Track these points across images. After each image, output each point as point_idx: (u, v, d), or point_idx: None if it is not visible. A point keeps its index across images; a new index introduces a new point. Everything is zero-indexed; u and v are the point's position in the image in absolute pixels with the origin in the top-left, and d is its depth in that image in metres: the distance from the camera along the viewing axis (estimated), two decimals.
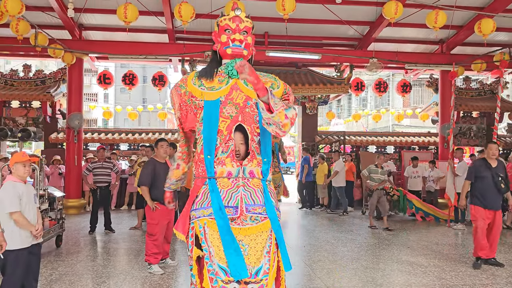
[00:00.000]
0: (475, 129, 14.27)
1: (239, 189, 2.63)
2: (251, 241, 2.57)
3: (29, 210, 3.81)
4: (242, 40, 2.81)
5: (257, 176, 2.69)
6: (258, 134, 2.74)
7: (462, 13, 9.82)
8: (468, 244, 7.60)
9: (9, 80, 12.85)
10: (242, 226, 2.58)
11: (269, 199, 2.67)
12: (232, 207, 2.59)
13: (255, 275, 2.51)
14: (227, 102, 2.72)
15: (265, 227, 2.61)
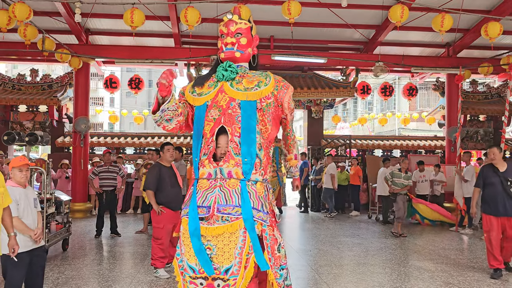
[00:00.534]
0: (482, 132, 14.18)
1: (215, 190, 2.69)
2: (219, 241, 2.61)
3: (28, 215, 3.79)
4: (234, 43, 2.87)
5: (236, 176, 2.70)
6: (239, 135, 2.73)
7: (469, 16, 9.78)
8: (476, 249, 7.54)
9: (17, 85, 12.96)
10: (210, 226, 2.63)
11: (247, 199, 2.64)
12: (205, 207, 2.67)
13: (224, 273, 2.57)
14: (212, 106, 2.81)
15: (234, 228, 2.60)
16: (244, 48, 2.90)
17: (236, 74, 2.86)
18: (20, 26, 8.41)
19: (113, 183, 8.38)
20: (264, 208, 2.69)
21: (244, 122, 2.72)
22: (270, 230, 2.70)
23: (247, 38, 2.91)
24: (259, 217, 2.64)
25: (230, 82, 2.83)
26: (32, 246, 3.80)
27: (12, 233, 3.40)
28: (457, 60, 11.79)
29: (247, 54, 2.93)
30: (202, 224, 2.64)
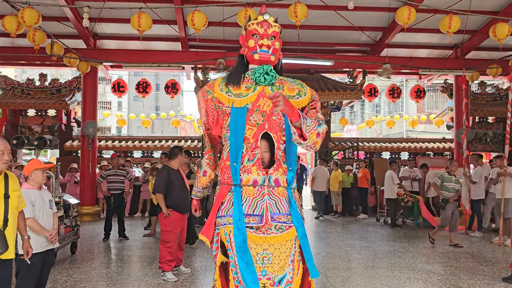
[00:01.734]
0: (491, 134, 14.04)
1: (265, 198, 2.62)
2: (275, 250, 2.56)
3: (43, 216, 3.88)
4: (269, 46, 2.77)
5: (282, 184, 2.68)
6: (284, 142, 2.70)
7: (477, 18, 9.71)
8: (486, 252, 7.46)
9: (26, 89, 13.07)
10: (267, 235, 2.57)
11: (295, 207, 2.66)
12: (257, 216, 2.59)
13: (278, 283, 2.51)
14: (254, 110, 2.69)
15: (290, 236, 2.59)
16: (277, 52, 2.84)
17: (276, 79, 2.81)
18: (29, 31, 8.51)
19: (120, 187, 8.41)
20: (302, 216, 2.72)
21: (288, 130, 2.65)
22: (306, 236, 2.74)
23: (279, 42, 2.86)
24: (304, 224, 2.69)
25: (270, 87, 2.76)
26: (47, 247, 3.89)
27: (26, 236, 3.45)
28: (465, 61, 11.72)
29: (277, 58, 2.88)
30: (255, 233, 2.57)
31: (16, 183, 3.25)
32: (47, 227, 3.87)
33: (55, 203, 6.18)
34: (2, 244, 3.01)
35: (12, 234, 3.14)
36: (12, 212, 3.13)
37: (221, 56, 10.58)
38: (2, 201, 3.06)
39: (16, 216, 3.21)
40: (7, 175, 3.16)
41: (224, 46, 11.17)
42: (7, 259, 3.08)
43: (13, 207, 3.14)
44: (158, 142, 13.88)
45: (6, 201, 3.07)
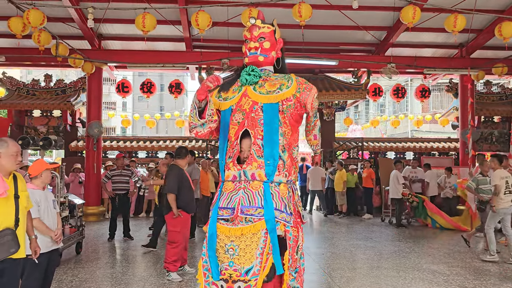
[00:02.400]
0: (497, 134, 13.95)
1: (239, 192, 2.75)
2: (241, 242, 2.65)
3: (48, 216, 3.91)
4: (257, 47, 2.92)
5: (259, 178, 2.74)
6: (262, 137, 2.77)
7: (482, 16, 9.66)
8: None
9: (31, 90, 13.14)
10: (234, 226, 2.68)
11: (269, 200, 2.69)
12: (230, 209, 2.73)
13: (244, 274, 2.60)
14: (237, 110, 2.87)
15: (256, 229, 2.64)
16: (268, 51, 2.94)
17: (259, 78, 2.90)
18: (34, 32, 8.54)
19: (125, 187, 8.43)
20: (287, 209, 2.72)
21: (267, 124, 2.76)
22: (294, 231, 2.73)
23: (270, 41, 2.95)
24: (282, 217, 2.68)
25: (253, 86, 2.89)
26: (52, 247, 3.92)
27: (33, 236, 3.49)
28: (470, 60, 11.66)
29: (271, 58, 2.98)
30: (227, 225, 2.71)
31: (24, 183, 3.30)
32: (52, 227, 3.91)
33: (60, 204, 6.26)
34: (15, 244, 3.06)
35: (22, 234, 3.19)
36: (22, 212, 3.18)
37: (225, 56, 10.58)
38: (13, 201, 3.11)
39: (25, 216, 3.26)
40: (15, 175, 3.20)
41: (228, 46, 11.17)
42: (18, 258, 3.13)
43: (23, 207, 3.20)
44: (163, 142, 13.91)
45: (16, 201, 3.13)
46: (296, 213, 2.83)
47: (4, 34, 10.51)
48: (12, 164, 3.12)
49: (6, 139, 3.18)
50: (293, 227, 2.72)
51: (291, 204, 2.79)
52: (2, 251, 2.96)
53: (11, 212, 3.08)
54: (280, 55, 3.06)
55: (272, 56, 2.99)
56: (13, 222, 3.08)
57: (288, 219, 2.70)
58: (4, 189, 2.98)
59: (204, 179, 9.64)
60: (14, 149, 3.12)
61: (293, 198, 2.84)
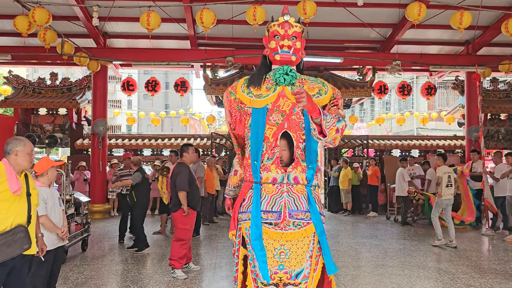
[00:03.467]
0: (504, 131, 13.85)
1: (283, 195, 2.71)
2: (293, 245, 2.67)
3: (55, 213, 3.95)
4: (290, 46, 2.85)
5: (301, 182, 2.74)
6: (304, 141, 2.76)
7: (488, 13, 9.58)
8: (498, 251, 7.37)
9: (37, 88, 13.21)
10: (284, 231, 2.67)
11: (313, 204, 2.73)
12: (276, 212, 2.69)
13: (294, 277, 2.62)
14: (274, 110, 2.79)
15: (308, 233, 2.69)
16: (298, 52, 2.90)
17: (296, 79, 2.87)
18: (40, 30, 8.58)
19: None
20: (322, 211, 2.80)
21: (307, 128, 2.73)
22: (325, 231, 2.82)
23: (301, 42, 2.92)
24: (323, 221, 2.77)
25: (290, 87, 2.83)
26: (58, 244, 3.98)
27: (40, 234, 3.53)
28: (476, 58, 11.57)
29: (299, 58, 2.95)
30: (273, 229, 2.68)
31: (33, 181, 3.37)
32: (58, 225, 3.96)
33: (66, 201, 6.30)
34: (28, 240, 3.11)
35: (33, 231, 3.25)
36: (33, 209, 3.25)
37: (230, 54, 10.57)
38: (25, 199, 3.17)
39: (35, 213, 3.32)
40: (26, 174, 3.26)
41: (233, 44, 11.17)
42: (28, 254, 3.19)
43: (34, 205, 3.26)
44: (168, 140, 13.94)
45: (28, 199, 3.19)
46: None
47: (10, 33, 10.56)
48: (27, 163, 3.19)
49: (22, 138, 3.25)
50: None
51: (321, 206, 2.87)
52: (15, 247, 3.02)
53: (23, 209, 3.14)
54: (303, 56, 3.03)
55: (300, 56, 2.95)
56: (25, 219, 3.14)
57: (324, 221, 2.80)
58: (18, 186, 3.05)
59: (209, 177, 9.66)
60: (30, 147, 3.19)
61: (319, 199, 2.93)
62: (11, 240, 2.99)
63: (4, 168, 3.05)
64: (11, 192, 3.01)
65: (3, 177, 3.01)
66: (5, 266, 3.02)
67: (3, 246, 2.96)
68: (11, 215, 3.04)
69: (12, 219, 3.05)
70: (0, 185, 2.98)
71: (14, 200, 3.06)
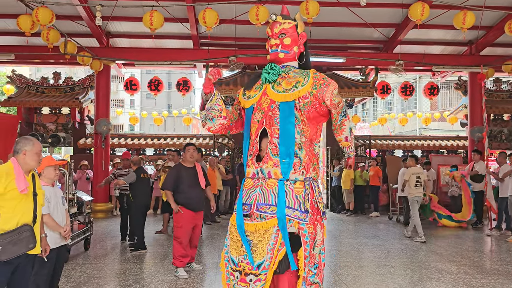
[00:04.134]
0: (507, 132, 13.82)
1: (257, 189, 2.82)
2: (255, 237, 2.74)
3: (57, 212, 3.97)
4: (278, 44, 2.93)
5: (274, 176, 2.78)
6: (278, 136, 2.79)
7: (492, 13, 9.56)
8: (501, 251, 7.36)
9: (40, 88, 13.26)
10: (250, 222, 2.78)
11: (281, 198, 2.72)
12: (248, 205, 2.82)
13: (256, 268, 2.69)
14: (257, 108, 2.93)
15: (269, 225, 2.71)
16: (288, 48, 2.93)
17: (278, 75, 2.90)
18: (43, 30, 8.62)
19: None
20: (301, 207, 2.74)
21: (282, 123, 2.78)
22: (309, 228, 2.77)
23: (291, 37, 2.94)
24: (295, 215, 2.72)
25: (272, 84, 2.91)
26: (61, 243, 3.99)
27: (44, 234, 3.55)
28: (480, 58, 11.55)
29: (293, 54, 2.96)
30: (245, 220, 2.80)
31: (40, 181, 3.40)
32: (61, 224, 3.97)
33: (69, 200, 6.32)
34: (33, 240, 3.14)
35: (38, 231, 3.28)
36: (39, 209, 3.27)
37: (232, 54, 10.58)
38: (32, 198, 3.20)
39: (41, 213, 3.35)
40: (33, 174, 3.29)
41: (236, 43, 11.17)
42: (32, 254, 3.21)
43: (39, 205, 3.29)
44: (170, 139, 13.97)
45: (34, 198, 3.21)
46: (314, 209, 2.83)
47: (13, 32, 10.60)
48: (35, 162, 3.22)
49: (31, 137, 3.27)
50: (308, 224, 2.76)
51: (307, 202, 2.78)
52: (21, 246, 3.05)
53: (30, 209, 3.17)
54: (303, 49, 3.02)
55: (294, 51, 2.96)
56: (31, 219, 3.16)
57: (302, 217, 2.73)
58: (25, 185, 3.08)
59: (211, 176, 9.67)
60: (38, 147, 3.22)
61: (311, 195, 2.83)
62: (16, 238, 3.02)
63: (12, 167, 3.08)
64: (18, 191, 3.03)
65: (11, 176, 3.04)
66: (10, 264, 3.04)
67: (9, 244, 2.98)
68: (18, 214, 3.07)
69: (18, 218, 3.07)
70: (8, 184, 3.01)
71: (21, 199, 3.08)
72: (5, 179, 3.00)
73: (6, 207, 3.02)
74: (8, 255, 2.97)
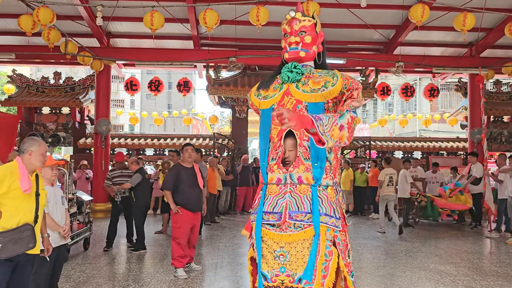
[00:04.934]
0: (507, 134, 13.83)
1: (286, 196, 2.62)
2: (292, 248, 2.55)
3: (57, 212, 3.97)
4: (298, 42, 2.79)
5: (306, 181, 2.62)
6: (308, 139, 2.63)
7: (492, 15, 9.57)
8: (500, 254, 7.36)
9: (40, 87, 13.26)
10: (283, 233, 2.58)
11: (316, 205, 2.57)
12: (277, 213, 2.61)
13: (298, 281, 2.51)
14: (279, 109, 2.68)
15: (308, 235, 2.55)
16: (309, 46, 2.80)
17: (302, 75, 2.76)
18: (44, 30, 8.63)
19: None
20: (336, 214, 2.61)
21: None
22: (342, 236, 2.65)
23: (311, 35, 2.81)
24: (332, 223, 2.58)
25: (295, 84, 2.75)
26: (60, 242, 4.00)
27: (46, 234, 3.57)
28: (480, 60, 11.56)
29: (312, 53, 2.84)
30: (274, 230, 2.61)
31: (43, 182, 3.41)
32: (60, 223, 3.97)
33: (69, 200, 6.32)
34: (34, 239, 3.15)
35: (39, 231, 3.29)
36: (41, 209, 3.28)
37: (233, 55, 10.59)
38: (34, 198, 3.21)
39: (42, 213, 3.36)
40: (37, 174, 3.30)
41: (236, 44, 11.18)
42: (32, 254, 3.21)
43: (42, 205, 3.30)
44: (170, 140, 13.97)
45: (37, 198, 3.22)
46: (342, 216, 2.71)
47: (14, 32, 10.62)
48: (40, 163, 3.24)
49: (37, 138, 3.29)
50: (341, 231, 2.64)
51: (338, 208, 2.67)
52: (21, 245, 3.06)
53: (32, 209, 3.18)
54: (321, 49, 2.90)
55: (314, 51, 2.83)
56: (33, 218, 3.17)
57: (337, 224, 2.61)
58: (28, 185, 3.09)
59: (211, 177, 9.68)
60: (44, 148, 3.24)
61: (339, 200, 2.72)
62: (17, 237, 3.03)
63: (17, 166, 3.10)
64: (21, 190, 3.05)
65: (16, 175, 3.06)
66: (10, 262, 3.05)
67: (9, 243, 3.00)
68: (20, 213, 3.08)
69: (20, 217, 3.08)
70: (12, 183, 3.02)
71: (24, 198, 3.10)
72: (10, 178, 3.02)
73: (8, 205, 3.03)
74: (8, 253, 2.99)
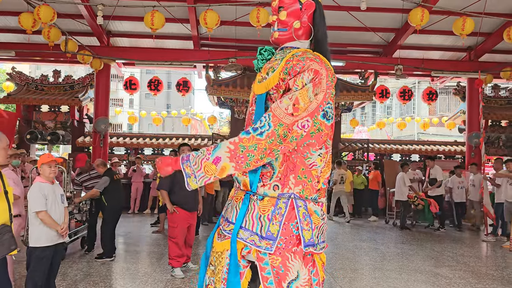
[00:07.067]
0: (504, 138, 13.88)
1: (232, 200, 2.21)
2: (213, 258, 2.13)
3: (55, 210, 3.95)
4: (274, 21, 2.25)
5: (243, 188, 2.13)
6: None
7: (491, 20, 9.62)
8: (496, 257, 7.39)
9: (40, 85, 13.27)
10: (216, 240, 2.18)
11: (241, 216, 2.05)
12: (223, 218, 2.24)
13: None
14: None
15: (222, 247, 2.07)
16: (285, 24, 2.19)
17: (267, 61, 2.26)
18: (44, 28, 8.64)
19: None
20: (263, 231, 1.99)
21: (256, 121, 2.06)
22: (275, 261, 1.99)
23: (287, 10, 2.19)
24: (250, 241, 2.00)
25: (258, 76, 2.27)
26: (58, 240, 3.98)
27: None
28: (478, 64, 11.61)
29: (293, 31, 2.20)
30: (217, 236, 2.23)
31: (6, 178, 3.24)
32: (59, 221, 3.96)
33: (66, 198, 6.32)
34: (14, 241, 3.07)
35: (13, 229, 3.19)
36: (12, 207, 3.19)
37: (232, 55, 10.62)
38: (4, 197, 3.08)
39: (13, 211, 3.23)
40: (0, 172, 3.13)
41: (236, 45, 11.21)
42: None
43: (11, 203, 3.20)
44: (169, 139, 13.98)
45: (7, 197, 3.11)
46: (291, 238, 2.01)
47: (15, 30, 10.63)
48: (3, 158, 3.09)
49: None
50: (272, 254, 1.98)
51: (275, 226, 1.99)
52: (3, 248, 2.97)
53: (5, 209, 3.07)
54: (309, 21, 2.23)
55: (295, 28, 2.19)
56: (8, 218, 3.07)
57: (261, 244, 1.98)
58: None
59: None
60: (5, 142, 3.05)
61: (290, 218, 2.01)
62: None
63: None
64: None
65: None
66: None
67: None
68: None
69: None
70: None
71: None
72: None
73: None
74: None
